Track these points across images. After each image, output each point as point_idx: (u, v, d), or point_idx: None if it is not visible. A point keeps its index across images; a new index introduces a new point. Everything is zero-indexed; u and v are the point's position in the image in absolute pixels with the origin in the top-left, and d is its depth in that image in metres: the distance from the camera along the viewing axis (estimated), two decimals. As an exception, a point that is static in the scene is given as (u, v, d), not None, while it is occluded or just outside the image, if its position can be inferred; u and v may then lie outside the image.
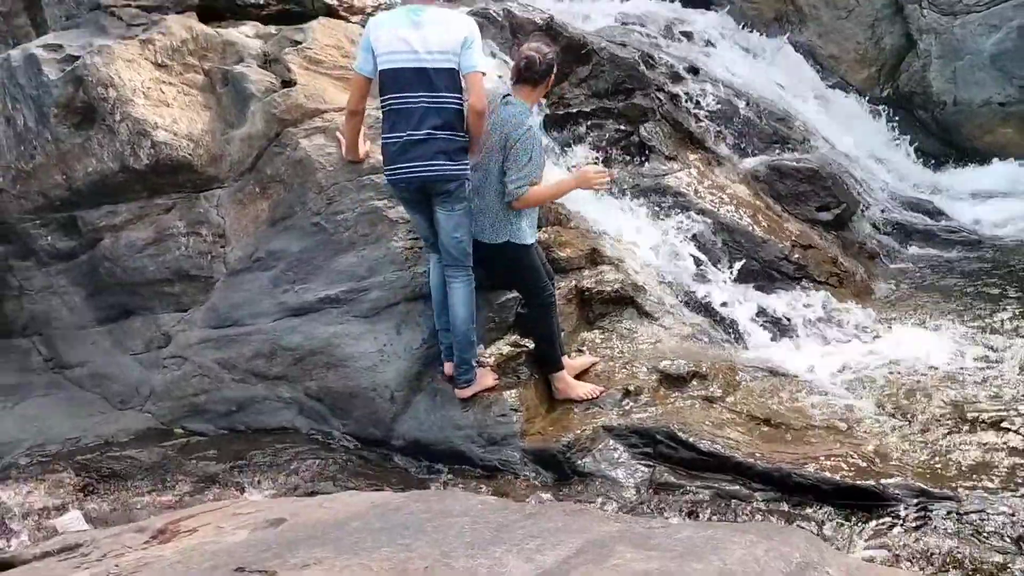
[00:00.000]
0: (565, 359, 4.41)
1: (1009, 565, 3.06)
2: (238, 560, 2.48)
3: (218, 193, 4.92)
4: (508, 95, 4.15)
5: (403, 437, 4.32)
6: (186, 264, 4.83)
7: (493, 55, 6.21)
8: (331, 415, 4.48)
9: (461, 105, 4.01)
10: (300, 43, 5.20)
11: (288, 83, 5.00)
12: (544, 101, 5.41)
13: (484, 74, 4.07)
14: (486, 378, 4.31)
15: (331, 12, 5.73)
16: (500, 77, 5.85)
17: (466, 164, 4.06)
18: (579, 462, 3.92)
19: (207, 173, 4.89)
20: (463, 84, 4.00)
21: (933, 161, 7.95)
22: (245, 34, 5.30)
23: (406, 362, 4.43)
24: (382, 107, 4.05)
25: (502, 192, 4.07)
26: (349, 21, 5.71)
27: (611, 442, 3.99)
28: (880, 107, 8.11)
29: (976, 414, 4.07)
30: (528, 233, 4.19)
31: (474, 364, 4.25)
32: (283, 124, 4.86)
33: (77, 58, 4.84)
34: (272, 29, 5.42)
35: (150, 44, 4.94)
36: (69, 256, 5.00)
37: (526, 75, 4.08)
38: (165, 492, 4.04)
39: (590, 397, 4.28)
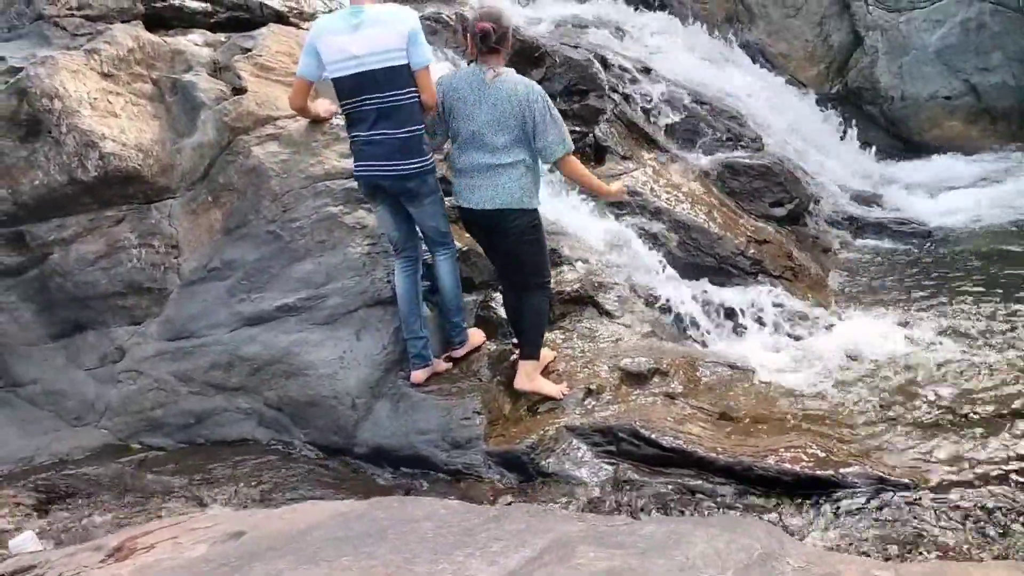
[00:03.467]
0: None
1: (966, 549, 3.12)
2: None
3: (170, 203, 4.84)
4: (489, 70, 4.04)
5: (366, 444, 4.28)
6: (139, 276, 4.74)
7: (455, 64, 6.18)
8: (292, 424, 4.43)
9: (414, 98, 4.03)
10: (250, 50, 5.15)
11: (239, 91, 4.94)
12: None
13: (431, 65, 4.09)
14: (476, 337, 4.53)
15: (281, 19, 5.70)
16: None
17: (425, 158, 4.09)
18: (543, 463, 3.92)
19: (158, 183, 4.81)
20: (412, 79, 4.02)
21: (883, 155, 8.12)
22: (194, 42, 5.24)
23: (367, 368, 4.40)
24: (343, 110, 4.14)
25: (532, 158, 4.11)
26: (300, 27, 5.68)
27: (574, 441, 4.00)
28: (829, 103, 8.26)
29: (932, 400, 4.16)
30: (536, 199, 4.22)
31: (464, 325, 4.43)
32: (235, 132, 4.81)
33: (20, 70, 4.73)
34: (221, 37, 5.36)
35: (95, 54, 4.84)
36: (17, 272, 4.88)
37: (492, 44, 4.00)
38: (122, 509, 3.96)
39: (557, 397, 4.28)
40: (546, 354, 4.52)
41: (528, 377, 4.33)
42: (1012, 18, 7.60)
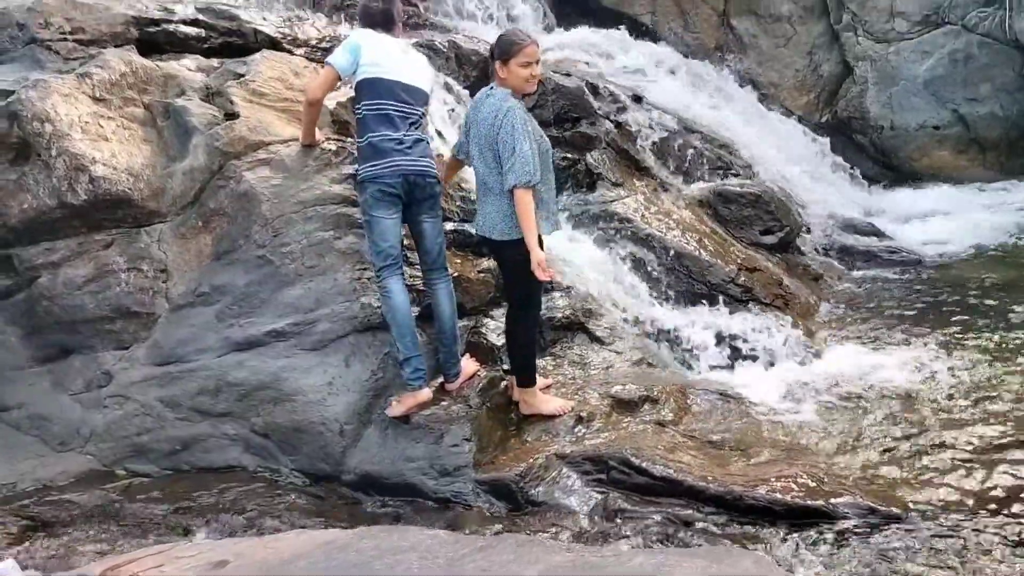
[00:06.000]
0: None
1: (957, 580, 3.10)
2: (178, 606, 2.40)
3: (159, 228, 4.83)
4: (490, 86, 4.14)
5: (353, 472, 4.24)
6: (127, 300, 4.71)
7: (449, 88, 6.24)
8: (279, 451, 4.39)
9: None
10: (243, 76, 5.17)
11: (231, 116, 4.95)
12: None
13: None
14: (470, 366, 4.49)
15: (275, 45, 5.72)
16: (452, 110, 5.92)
17: None
18: (532, 491, 3.89)
19: (148, 207, 4.80)
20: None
21: (873, 183, 8.18)
22: (187, 67, 5.25)
23: (356, 394, 4.37)
24: (369, 110, 4.21)
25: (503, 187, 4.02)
26: (293, 54, 5.70)
27: (564, 470, 3.97)
28: (819, 131, 8.33)
29: (924, 430, 4.15)
30: (541, 227, 4.07)
31: (459, 355, 4.42)
32: (226, 157, 4.80)
33: (11, 93, 4.73)
34: (215, 62, 5.38)
35: (88, 78, 4.85)
36: (5, 295, 4.84)
37: (491, 57, 4.11)
38: (106, 537, 3.90)
39: (561, 413, 4.29)
40: (541, 381, 4.51)
41: (526, 403, 4.34)
42: (999, 50, 7.69)
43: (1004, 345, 5.04)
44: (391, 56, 4.30)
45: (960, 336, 5.23)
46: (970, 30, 7.76)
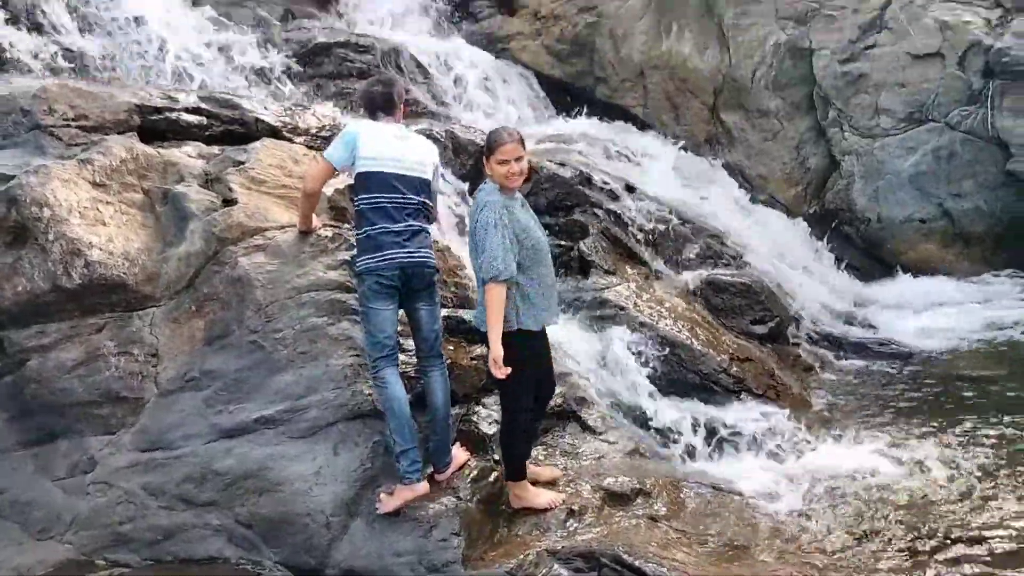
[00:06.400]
0: (531, 466, 4.37)
1: None
2: None
3: (152, 312, 4.83)
4: (485, 180, 4.19)
5: (339, 566, 4.14)
6: (116, 385, 4.67)
7: (442, 176, 6.36)
8: (263, 543, 4.28)
9: (430, 210, 4.47)
10: (243, 163, 5.26)
11: (229, 202, 5.01)
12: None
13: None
14: (461, 456, 4.45)
15: (275, 133, 5.85)
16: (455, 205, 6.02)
17: None
18: (523, 589, 3.80)
19: (142, 292, 4.81)
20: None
21: (861, 275, 8.26)
22: (187, 154, 5.35)
23: (343, 485, 4.30)
24: (366, 204, 4.27)
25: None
26: (293, 142, 5.82)
27: (555, 567, 3.88)
28: (808, 223, 8.45)
29: (915, 526, 4.11)
30: (518, 320, 4.01)
31: (451, 445, 4.38)
32: (222, 242, 4.85)
33: (12, 177, 4.79)
34: (215, 149, 5.49)
35: (89, 164, 4.93)
36: (-7, 378, 4.81)
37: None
38: (81, 632, 3.78)
39: (552, 506, 4.23)
40: (549, 472, 4.51)
41: (516, 496, 4.29)
42: (981, 147, 7.87)
43: (994, 441, 5.03)
44: (389, 146, 4.35)
45: (951, 432, 5.22)
46: (953, 128, 7.96)
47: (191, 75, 7.22)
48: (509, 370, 3.88)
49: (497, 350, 3.89)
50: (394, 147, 4.36)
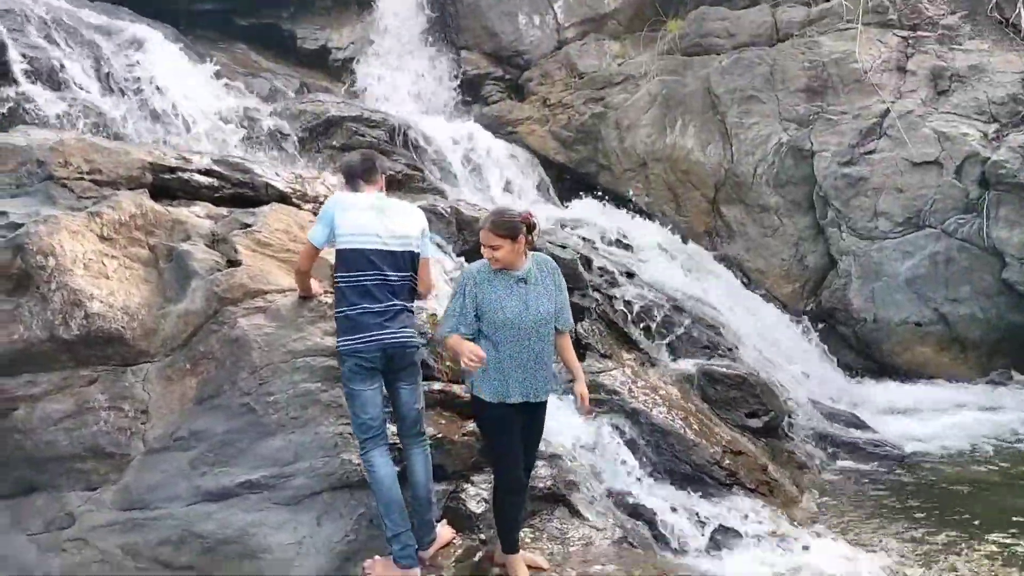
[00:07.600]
0: (522, 553, 4.29)
1: None
2: None
3: (147, 368, 4.80)
4: None
5: (316, 640, 4.03)
6: (103, 440, 4.60)
7: (440, 248, 6.46)
8: (239, 613, 4.17)
9: (415, 284, 4.40)
10: (250, 226, 5.31)
11: (234, 263, 5.04)
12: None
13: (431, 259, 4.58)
14: (446, 533, 4.41)
15: (284, 198, 5.93)
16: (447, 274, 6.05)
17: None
18: (502, 678, 3.68)
19: (138, 347, 4.79)
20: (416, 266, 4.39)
21: (856, 374, 8.27)
22: (195, 213, 5.40)
23: (325, 557, 4.20)
24: (345, 282, 4.22)
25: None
26: (301, 208, 5.89)
27: (537, 654, 3.77)
28: (804, 320, 8.50)
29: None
30: (479, 388, 4.08)
31: (435, 523, 4.31)
32: (223, 302, 4.85)
33: (20, 225, 4.83)
34: (224, 211, 5.54)
35: (98, 217, 4.97)
36: (-24, 426, 4.74)
37: None
38: None
39: None
40: (537, 560, 4.40)
41: (502, 568, 4.22)
42: (978, 255, 7.98)
43: (987, 549, 4.95)
44: (369, 221, 4.26)
45: (943, 538, 5.15)
46: (950, 235, 8.09)
47: (206, 138, 7.38)
48: (476, 362, 3.87)
49: (452, 339, 4.08)
50: (373, 222, 4.27)
